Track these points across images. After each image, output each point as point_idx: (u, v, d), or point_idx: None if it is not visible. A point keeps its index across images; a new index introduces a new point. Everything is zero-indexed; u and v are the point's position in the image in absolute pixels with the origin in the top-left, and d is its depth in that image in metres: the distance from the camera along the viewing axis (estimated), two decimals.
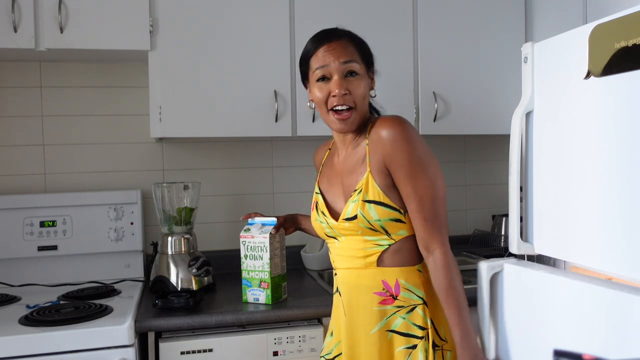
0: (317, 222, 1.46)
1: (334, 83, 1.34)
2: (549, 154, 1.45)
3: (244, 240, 1.77)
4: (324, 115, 1.39)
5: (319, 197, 1.46)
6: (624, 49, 1.18)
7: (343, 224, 1.37)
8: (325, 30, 1.42)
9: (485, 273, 1.19)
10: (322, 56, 1.36)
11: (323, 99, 1.36)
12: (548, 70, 1.44)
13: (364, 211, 1.33)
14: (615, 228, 1.23)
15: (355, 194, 1.36)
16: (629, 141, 1.19)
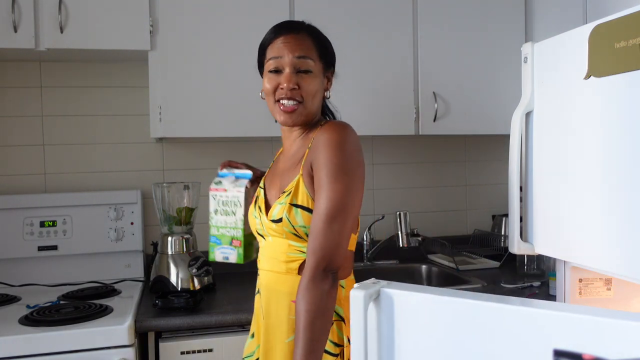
0: (252, 217, 1.40)
1: (284, 77, 1.29)
2: (549, 154, 1.45)
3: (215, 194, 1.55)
4: (270, 106, 1.34)
5: (260, 192, 1.41)
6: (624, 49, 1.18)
7: (270, 224, 1.31)
8: (287, 21, 1.40)
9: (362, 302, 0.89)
10: (277, 48, 1.31)
11: (272, 90, 1.31)
12: (548, 70, 1.44)
13: (290, 215, 1.26)
14: (615, 228, 1.24)
15: (283, 195, 1.29)
16: (629, 141, 1.19)
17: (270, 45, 1.33)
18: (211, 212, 1.54)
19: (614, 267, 1.25)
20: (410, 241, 2.48)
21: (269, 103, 1.35)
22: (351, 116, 2.23)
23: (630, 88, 1.18)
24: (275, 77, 1.31)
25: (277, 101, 1.31)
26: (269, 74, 1.32)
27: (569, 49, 1.36)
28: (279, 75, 1.30)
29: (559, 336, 0.70)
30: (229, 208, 1.53)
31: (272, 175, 1.43)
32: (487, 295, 0.81)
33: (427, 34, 2.30)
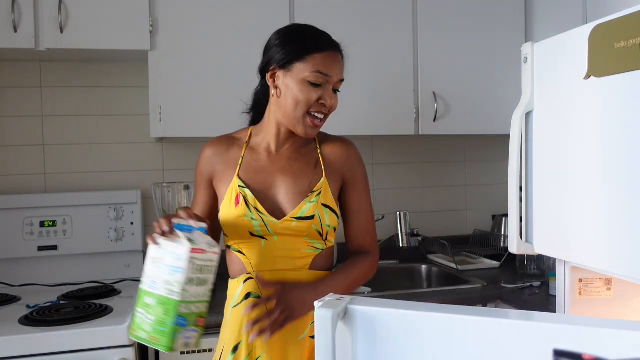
0: (245, 219, 1.31)
1: (328, 95, 1.32)
2: (549, 154, 1.45)
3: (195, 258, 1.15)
4: (295, 115, 1.31)
5: (246, 191, 1.32)
6: (624, 49, 1.18)
7: (289, 223, 1.31)
8: (328, 35, 1.38)
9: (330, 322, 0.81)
10: (328, 64, 1.31)
11: (310, 102, 1.30)
12: (548, 70, 1.44)
13: (322, 214, 1.33)
14: (615, 228, 1.23)
15: (313, 195, 1.34)
16: (629, 141, 1.19)
17: (318, 55, 1.30)
18: (182, 284, 1.14)
19: (614, 267, 1.25)
20: (410, 241, 2.48)
21: (293, 111, 1.31)
22: (351, 116, 2.24)
23: (630, 88, 1.18)
24: (315, 90, 1.30)
25: (309, 114, 1.31)
26: (308, 85, 1.29)
27: (569, 49, 1.36)
28: (318, 90, 1.30)
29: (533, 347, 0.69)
30: (203, 275, 1.19)
31: (255, 174, 1.36)
32: (460, 308, 0.78)
33: (427, 34, 2.30)
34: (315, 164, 1.39)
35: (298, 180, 1.36)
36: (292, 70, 1.31)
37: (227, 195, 1.34)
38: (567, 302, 1.49)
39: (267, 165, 1.38)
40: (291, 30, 1.38)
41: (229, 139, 1.43)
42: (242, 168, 1.37)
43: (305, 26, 1.39)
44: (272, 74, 1.33)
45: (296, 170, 1.37)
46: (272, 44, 1.36)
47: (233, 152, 1.40)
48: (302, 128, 1.32)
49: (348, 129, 2.25)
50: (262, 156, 1.39)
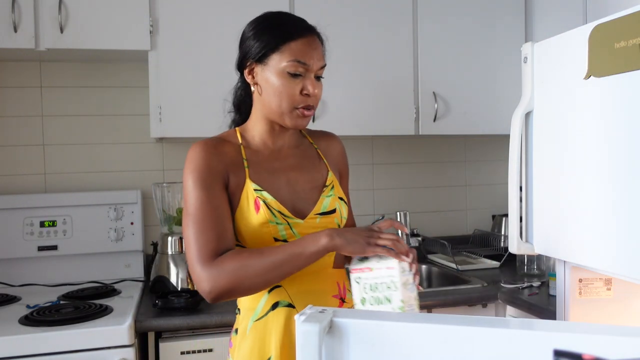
0: (270, 225, 1.20)
1: (310, 84, 1.21)
2: (549, 154, 1.45)
3: (359, 277, 1.13)
4: (281, 109, 1.21)
5: (264, 194, 1.21)
6: (624, 49, 1.18)
7: (313, 221, 1.24)
8: (301, 18, 1.27)
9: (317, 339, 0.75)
10: (304, 51, 1.20)
11: (293, 96, 1.20)
12: (548, 70, 1.44)
13: (340, 207, 1.30)
14: (615, 228, 1.24)
15: (327, 189, 1.29)
16: (629, 141, 1.19)
17: (294, 43, 1.20)
18: (356, 303, 1.13)
19: (614, 267, 1.25)
20: (410, 241, 2.48)
21: (280, 105, 1.21)
22: (351, 116, 2.24)
23: (630, 88, 1.18)
24: (296, 81, 1.20)
25: (296, 108, 1.22)
26: (288, 77, 1.20)
27: (569, 49, 1.36)
28: (298, 80, 1.20)
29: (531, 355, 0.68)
30: (380, 294, 1.13)
31: (267, 175, 1.26)
32: (451, 317, 0.76)
33: (427, 34, 2.30)
34: (318, 158, 1.36)
35: (310, 174, 1.30)
36: (268, 63, 1.21)
37: (243, 202, 1.21)
38: (567, 302, 1.49)
39: (275, 164, 1.28)
40: (263, 20, 1.28)
41: (220, 141, 1.27)
42: (251, 170, 1.24)
43: (277, 13, 1.28)
44: (250, 69, 1.25)
45: (305, 165, 1.31)
46: (245, 36, 1.27)
47: (232, 152, 1.25)
48: (291, 121, 1.23)
49: (348, 129, 2.25)
50: (266, 155, 1.28)
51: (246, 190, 1.21)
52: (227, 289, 1.11)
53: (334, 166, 1.38)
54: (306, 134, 1.40)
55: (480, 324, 0.72)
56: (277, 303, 1.22)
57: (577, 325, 0.72)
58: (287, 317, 1.21)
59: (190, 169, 1.19)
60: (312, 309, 0.79)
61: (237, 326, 1.29)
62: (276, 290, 1.22)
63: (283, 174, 1.27)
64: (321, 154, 1.37)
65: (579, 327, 0.71)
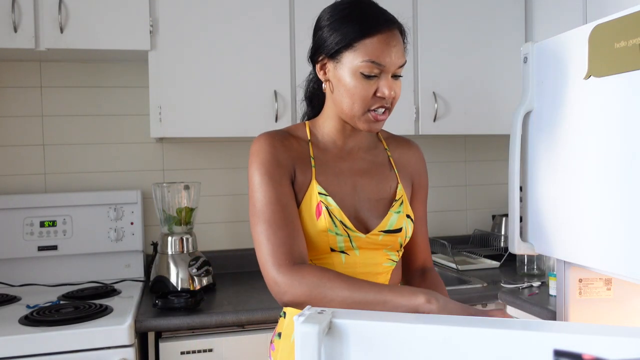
0: (329, 234, 1.12)
1: (386, 85, 1.11)
2: (549, 154, 1.45)
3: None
4: (352, 112, 1.13)
5: (329, 200, 1.13)
6: (624, 49, 1.18)
7: (376, 237, 1.16)
8: (383, 10, 1.14)
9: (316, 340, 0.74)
10: (384, 50, 1.09)
11: (366, 98, 1.11)
12: (548, 70, 1.44)
13: (407, 225, 1.20)
14: (615, 228, 1.24)
15: (397, 204, 1.20)
16: (629, 141, 1.19)
17: (369, 41, 1.09)
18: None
19: (614, 267, 1.25)
20: None
21: (351, 107, 1.12)
22: None
23: (630, 88, 1.18)
24: (370, 82, 1.10)
25: (369, 110, 1.12)
26: (362, 78, 1.10)
27: (569, 49, 1.36)
28: (373, 82, 1.10)
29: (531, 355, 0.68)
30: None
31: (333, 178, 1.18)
32: (451, 318, 0.75)
33: (427, 34, 2.30)
34: (388, 166, 1.24)
35: (379, 184, 1.20)
36: (341, 60, 1.11)
37: (305, 203, 1.13)
38: (567, 302, 1.49)
39: (343, 167, 1.19)
40: (340, 9, 1.14)
41: (285, 134, 1.19)
42: (318, 169, 1.16)
43: (357, 2, 1.14)
44: (322, 65, 1.15)
45: (375, 173, 1.21)
46: (319, 25, 1.16)
47: (299, 147, 1.17)
48: (364, 124, 1.14)
49: None
50: (334, 154, 1.20)
51: (310, 191, 1.14)
52: (302, 301, 1.04)
53: (406, 178, 1.26)
54: (382, 137, 1.29)
55: (480, 325, 0.72)
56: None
57: (577, 326, 0.72)
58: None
59: (257, 163, 1.12)
60: (311, 310, 0.77)
61: (281, 330, 1.22)
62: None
63: (350, 178, 1.19)
64: (393, 163, 1.25)
65: (579, 328, 0.71)
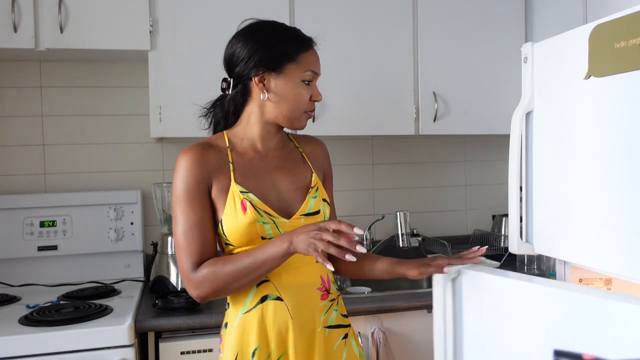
0: (256, 224, 1.27)
1: (316, 90, 1.37)
2: (549, 154, 1.44)
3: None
4: (294, 113, 1.34)
5: (250, 196, 1.29)
6: (624, 49, 1.18)
7: (297, 221, 1.32)
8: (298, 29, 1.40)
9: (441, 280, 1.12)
10: (313, 61, 1.35)
11: (307, 100, 1.34)
12: (548, 70, 1.44)
13: (324, 208, 1.38)
14: (615, 228, 1.23)
15: (312, 190, 1.38)
16: (629, 141, 1.19)
17: (306, 54, 1.34)
18: None
19: (614, 267, 1.25)
20: (410, 241, 2.48)
21: (294, 110, 1.34)
22: (351, 116, 2.24)
23: (630, 88, 1.18)
24: (307, 88, 1.34)
25: (305, 112, 1.36)
26: (303, 85, 1.33)
27: (569, 49, 1.36)
28: (309, 87, 1.35)
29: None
30: None
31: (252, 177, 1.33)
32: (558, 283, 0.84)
33: (427, 34, 2.30)
34: (302, 161, 1.43)
35: (295, 176, 1.38)
36: (284, 71, 1.32)
37: (229, 203, 1.29)
38: None
39: (261, 166, 1.36)
40: (266, 31, 1.36)
41: (206, 145, 1.35)
42: (236, 172, 1.32)
43: (275, 24, 1.39)
44: (261, 78, 1.31)
45: (291, 167, 1.39)
46: (251, 48, 1.33)
47: (217, 157, 1.33)
48: (299, 123, 1.37)
49: (348, 129, 2.25)
50: (252, 157, 1.36)
51: (232, 192, 1.30)
52: (209, 293, 1.26)
53: (319, 169, 1.45)
54: (292, 137, 1.48)
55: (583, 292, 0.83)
56: (266, 296, 1.30)
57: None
58: (275, 309, 1.29)
59: (179, 179, 1.29)
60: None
61: (227, 320, 1.36)
62: (264, 285, 1.30)
63: (268, 175, 1.35)
64: (306, 157, 1.44)
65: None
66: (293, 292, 1.31)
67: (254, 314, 1.29)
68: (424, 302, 1.95)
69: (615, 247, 1.23)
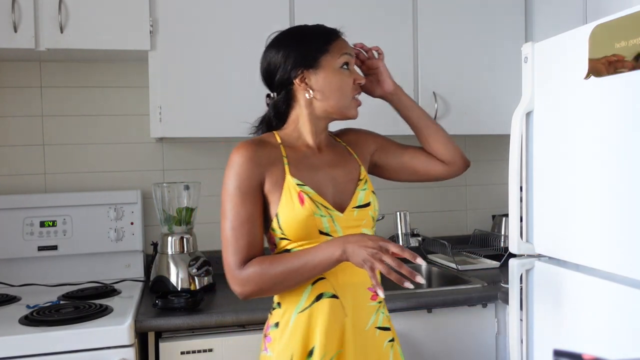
0: (315, 217, 1.27)
1: (358, 74, 1.39)
2: (549, 154, 1.45)
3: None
4: (342, 102, 1.35)
5: (306, 189, 1.29)
6: (624, 49, 1.18)
7: (351, 214, 1.33)
8: (326, 26, 1.42)
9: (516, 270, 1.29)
10: (345, 45, 1.37)
11: (351, 85, 1.36)
12: (548, 70, 1.44)
13: (373, 200, 1.40)
14: (615, 228, 1.24)
15: (361, 183, 1.40)
16: (629, 141, 1.19)
17: (335, 42, 1.35)
18: None
19: (614, 267, 1.25)
20: (410, 241, 2.48)
21: (342, 98, 1.35)
22: None
23: (630, 88, 1.18)
24: (348, 73, 1.36)
25: (353, 97, 1.38)
26: (342, 71, 1.35)
27: (569, 49, 1.36)
28: (348, 72, 1.36)
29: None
30: None
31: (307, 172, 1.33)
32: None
33: (427, 33, 2.30)
34: (349, 153, 1.45)
35: (345, 170, 1.40)
36: (320, 65, 1.33)
37: (286, 196, 1.28)
38: None
39: (314, 160, 1.36)
40: (293, 34, 1.39)
41: (259, 142, 1.35)
42: (291, 166, 1.32)
43: (300, 26, 1.42)
44: (302, 78, 1.34)
45: (340, 161, 1.41)
46: (284, 54, 1.35)
47: (271, 152, 1.33)
48: (351, 110, 1.38)
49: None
50: (305, 152, 1.37)
51: (287, 185, 1.29)
52: (253, 292, 1.26)
53: (364, 157, 1.49)
54: (332, 135, 1.50)
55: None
56: (321, 294, 1.29)
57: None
58: (331, 307, 1.29)
59: (231, 175, 1.29)
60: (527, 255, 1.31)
61: (278, 320, 1.33)
62: (320, 282, 1.29)
63: (321, 169, 1.36)
64: (350, 149, 1.46)
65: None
66: (348, 290, 1.31)
67: (310, 312, 1.29)
68: (424, 302, 1.95)
69: (615, 247, 1.24)
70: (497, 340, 2.02)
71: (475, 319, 1.99)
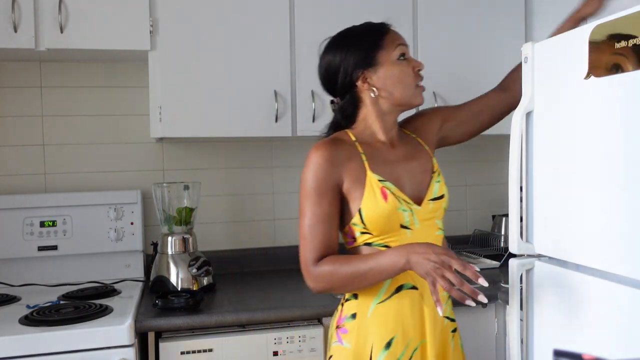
0: (398, 212, 1.31)
1: (415, 61, 1.40)
2: (549, 154, 1.45)
3: None
4: (407, 92, 1.38)
5: (387, 184, 1.32)
6: (624, 49, 1.18)
7: (427, 206, 1.37)
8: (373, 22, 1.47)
9: (516, 270, 1.26)
10: (397, 37, 1.40)
11: (411, 74, 1.38)
12: (548, 70, 1.44)
13: (446, 192, 1.43)
14: (615, 228, 1.24)
15: (435, 174, 1.43)
16: (629, 141, 1.19)
17: (386, 36, 1.39)
18: None
19: (614, 267, 1.25)
20: None
21: (406, 89, 1.37)
22: None
23: (630, 88, 1.18)
24: (406, 62, 1.38)
25: (417, 85, 1.39)
26: (400, 62, 1.37)
27: (569, 49, 1.36)
28: (406, 62, 1.38)
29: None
30: None
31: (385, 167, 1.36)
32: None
33: (427, 33, 2.30)
34: (420, 145, 1.48)
35: (419, 162, 1.43)
36: (378, 62, 1.37)
37: (368, 192, 1.31)
38: None
39: (389, 155, 1.40)
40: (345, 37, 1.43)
41: (336, 141, 1.38)
42: (370, 162, 1.35)
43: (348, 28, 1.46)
44: (363, 78, 1.37)
45: (413, 155, 1.44)
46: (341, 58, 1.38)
47: (348, 150, 1.36)
48: (418, 98, 1.40)
49: None
50: (380, 148, 1.40)
51: (369, 181, 1.32)
52: (325, 289, 1.31)
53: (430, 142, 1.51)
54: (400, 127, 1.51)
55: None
56: (401, 286, 1.33)
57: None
58: (411, 298, 1.33)
59: (309, 174, 1.32)
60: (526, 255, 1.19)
61: (355, 311, 1.35)
62: (401, 274, 1.30)
63: (397, 163, 1.39)
64: (420, 141, 1.49)
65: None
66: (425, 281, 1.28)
67: (389, 304, 1.32)
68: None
69: (616, 247, 1.23)
70: (497, 340, 2.02)
71: (475, 319, 1.99)
